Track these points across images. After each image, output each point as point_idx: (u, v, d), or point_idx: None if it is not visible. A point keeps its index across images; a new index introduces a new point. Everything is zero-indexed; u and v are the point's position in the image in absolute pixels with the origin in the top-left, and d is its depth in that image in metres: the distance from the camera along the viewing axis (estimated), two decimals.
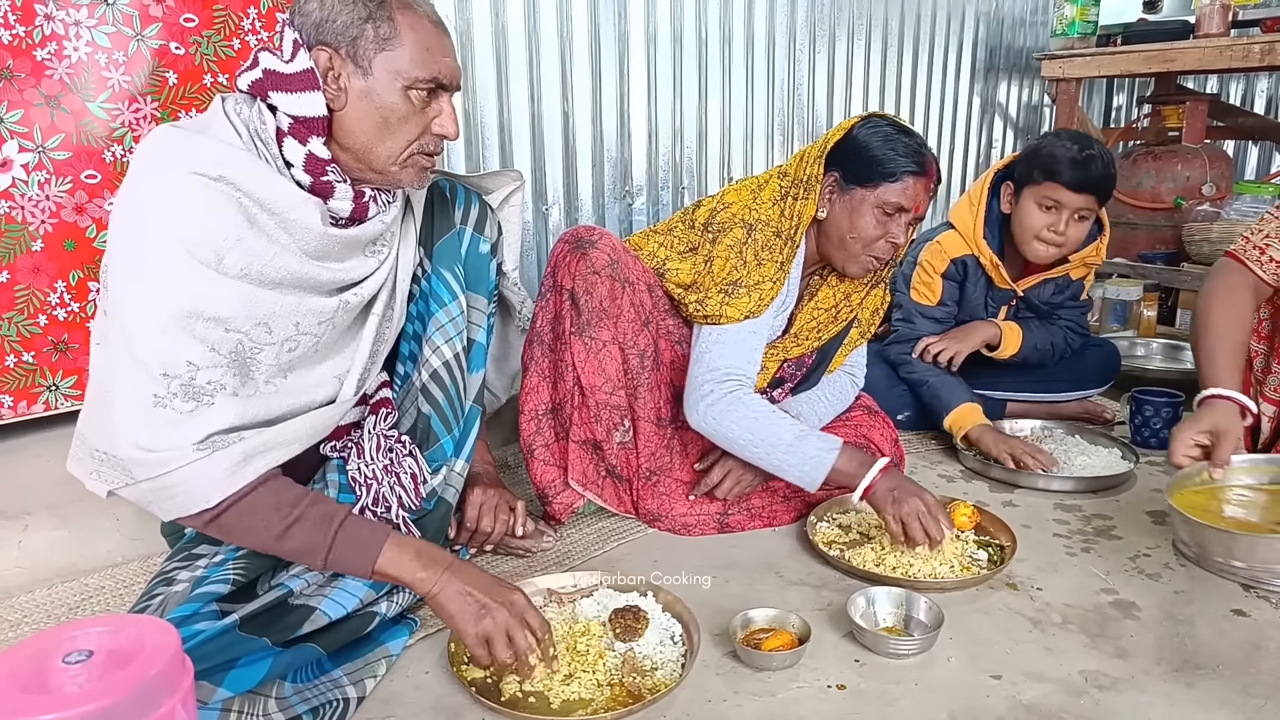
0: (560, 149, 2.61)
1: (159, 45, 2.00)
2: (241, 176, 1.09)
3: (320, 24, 1.15)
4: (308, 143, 1.16)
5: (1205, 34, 3.02)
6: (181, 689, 0.80)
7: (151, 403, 1.04)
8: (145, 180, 1.08)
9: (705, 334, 1.65)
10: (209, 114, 1.17)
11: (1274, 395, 1.77)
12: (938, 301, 2.23)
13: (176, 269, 1.05)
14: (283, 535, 1.13)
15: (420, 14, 1.19)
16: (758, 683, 1.25)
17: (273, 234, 1.13)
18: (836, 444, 1.58)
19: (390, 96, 1.18)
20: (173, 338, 1.04)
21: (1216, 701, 1.21)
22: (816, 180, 1.65)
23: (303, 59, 1.15)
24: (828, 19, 3.22)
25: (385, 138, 1.19)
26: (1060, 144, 2.04)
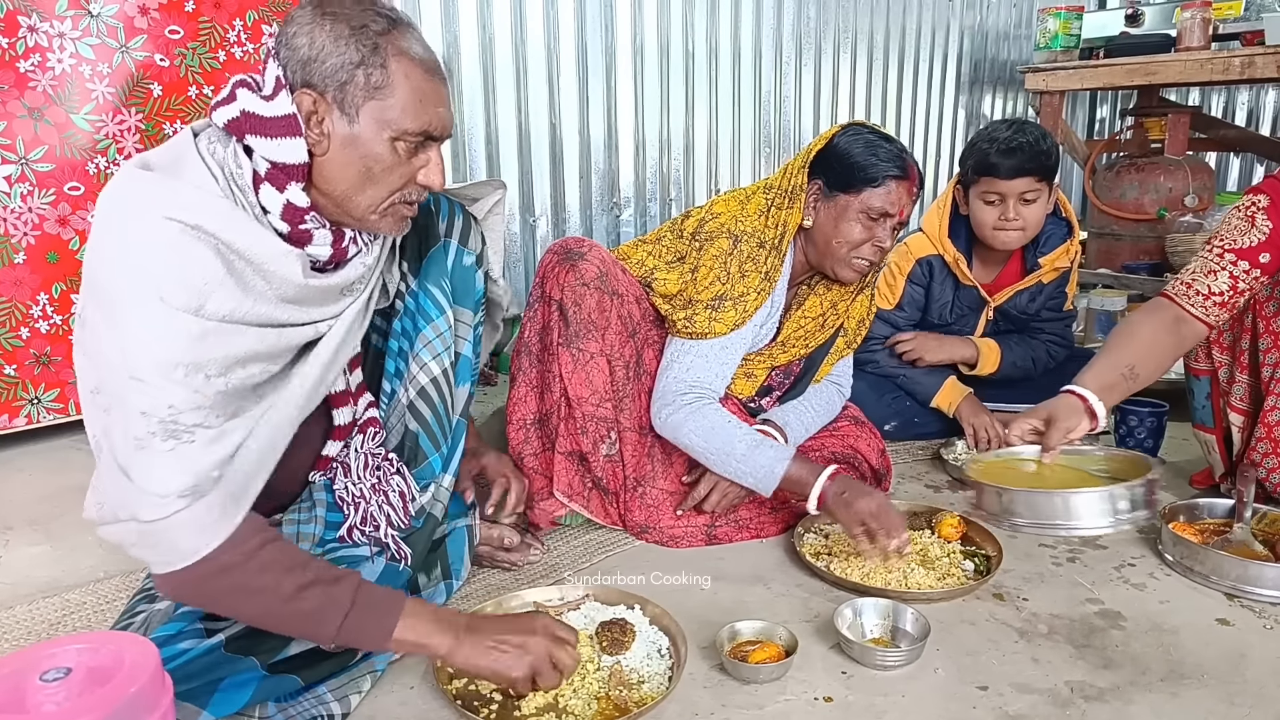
0: (548, 161, 2.62)
1: (143, 57, 2.00)
2: (219, 226, 1.03)
3: (307, 62, 1.07)
4: (285, 189, 1.10)
5: (1186, 47, 3.07)
6: (161, 707, 0.80)
7: (134, 446, 0.99)
8: (118, 226, 1.02)
9: (674, 346, 1.67)
10: (179, 151, 1.09)
11: (1240, 405, 1.79)
12: (896, 305, 2.25)
13: (155, 319, 0.99)
14: (295, 597, 1.05)
15: (415, 61, 1.11)
16: (745, 695, 1.25)
17: (251, 282, 1.06)
18: (788, 453, 1.61)
19: (376, 146, 1.11)
20: (155, 384, 0.99)
21: (1202, 711, 1.21)
22: (801, 189, 1.66)
23: (284, 101, 1.07)
24: (814, 32, 3.25)
25: (367, 187, 1.13)
26: (987, 137, 2.07)
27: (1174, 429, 2.19)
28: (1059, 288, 2.30)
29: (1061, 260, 2.23)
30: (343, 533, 1.31)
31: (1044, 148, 2.04)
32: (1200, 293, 1.61)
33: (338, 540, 1.31)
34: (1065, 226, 2.24)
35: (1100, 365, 1.62)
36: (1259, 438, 1.74)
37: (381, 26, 1.09)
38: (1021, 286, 2.26)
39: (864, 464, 1.87)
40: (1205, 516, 1.74)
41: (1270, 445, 1.72)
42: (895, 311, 2.27)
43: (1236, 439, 1.82)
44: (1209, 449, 1.89)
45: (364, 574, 1.28)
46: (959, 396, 2.18)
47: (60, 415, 2.08)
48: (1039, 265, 2.22)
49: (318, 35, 1.07)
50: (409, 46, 1.11)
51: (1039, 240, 2.19)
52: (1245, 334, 1.75)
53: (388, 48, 1.09)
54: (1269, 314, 1.69)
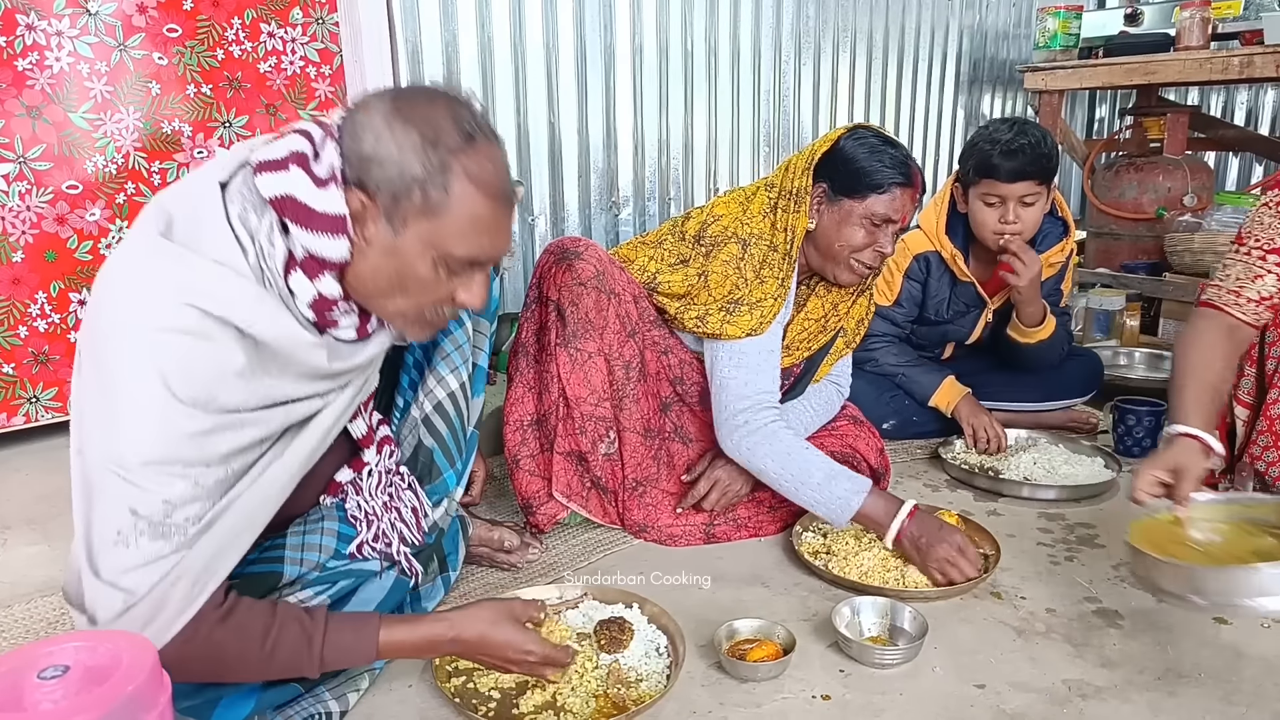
0: (546, 159, 2.62)
1: (142, 56, 1.99)
2: (247, 318, 0.96)
3: (367, 161, 0.98)
4: (318, 279, 1.01)
5: (1185, 47, 3.06)
6: (158, 705, 0.79)
7: (112, 541, 0.92)
8: (132, 303, 0.94)
9: (724, 358, 1.66)
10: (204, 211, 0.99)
11: (1246, 398, 1.79)
12: (894, 301, 2.26)
13: (158, 412, 0.92)
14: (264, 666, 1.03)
15: (482, 187, 1.00)
16: (743, 694, 1.25)
17: (270, 368, 1.00)
18: (865, 486, 1.59)
19: (416, 264, 1.02)
20: (150, 482, 0.92)
21: (1199, 710, 1.22)
22: (805, 192, 1.66)
23: (337, 197, 0.99)
24: (813, 31, 3.24)
25: (398, 296, 1.05)
26: (988, 137, 2.06)
27: None
28: (1055, 286, 2.30)
29: (1057, 258, 2.23)
30: (353, 549, 1.28)
31: (1045, 150, 2.03)
32: (1251, 299, 1.58)
33: (348, 556, 1.29)
34: (1061, 225, 2.24)
35: (1191, 397, 1.52)
36: (1260, 430, 1.73)
37: (456, 142, 0.98)
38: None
39: (863, 463, 1.87)
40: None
41: (1271, 438, 1.72)
42: (893, 308, 2.27)
43: (1240, 433, 1.81)
44: None
45: (372, 589, 1.30)
46: (957, 396, 2.18)
47: (58, 414, 2.08)
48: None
49: (385, 136, 0.97)
50: (480, 170, 1.00)
51: (1035, 239, 2.19)
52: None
53: (455, 168, 0.98)
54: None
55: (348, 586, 1.28)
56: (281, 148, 1.02)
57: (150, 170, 2.07)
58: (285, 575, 1.21)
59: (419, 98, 1.02)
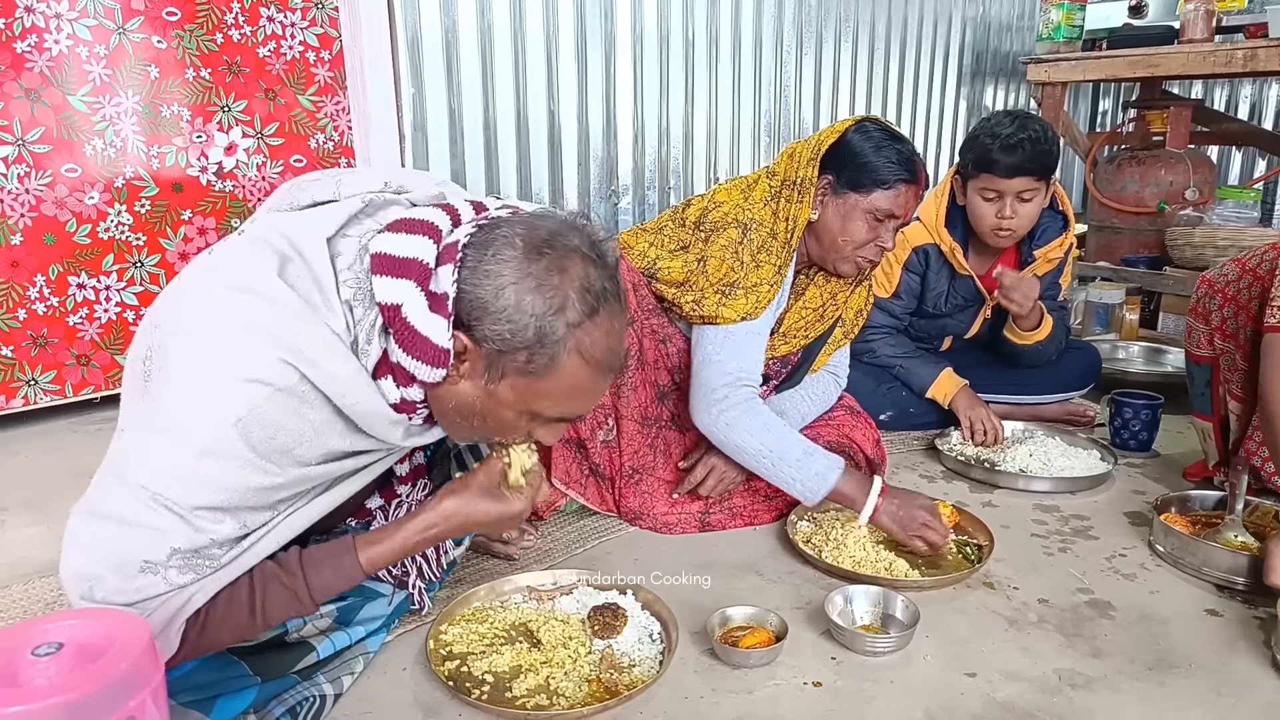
0: (545, 147, 2.62)
1: (141, 39, 1.99)
2: (338, 391, 0.95)
3: (482, 308, 0.94)
4: (406, 388, 1.01)
5: (1189, 39, 3.05)
6: (152, 683, 0.80)
7: (139, 568, 0.91)
8: (230, 336, 0.91)
9: (710, 336, 1.65)
10: (321, 274, 0.96)
11: (1240, 392, 1.79)
12: (892, 293, 2.25)
13: (231, 464, 0.91)
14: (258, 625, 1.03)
15: (589, 360, 0.98)
16: (735, 680, 1.25)
17: (348, 430, 1.00)
18: (839, 464, 1.61)
19: (502, 411, 1.01)
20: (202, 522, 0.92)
21: (1189, 700, 1.22)
22: (810, 182, 1.65)
23: (444, 330, 0.95)
24: (814, 22, 3.23)
25: (473, 428, 1.05)
26: (989, 132, 2.05)
27: (1168, 421, 2.19)
28: (1054, 279, 2.30)
29: (1055, 252, 2.22)
30: None
31: (1045, 146, 2.02)
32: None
33: None
34: (1061, 219, 2.24)
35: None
36: (1256, 425, 1.73)
37: (578, 316, 0.95)
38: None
39: (859, 453, 1.88)
40: (1197, 508, 1.75)
41: None
42: (892, 300, 2.27)
43: (1234, 426, 1.81)
44: (1205, 436, 1.89)
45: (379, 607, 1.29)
46: (954, 388, 2.18)
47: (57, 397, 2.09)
48: (1034, 257, 2.21)
49: (508, 293, 0.93)
50: (594, 343, 0.97)
51: (1035, 232, 2.19)
52: (1249, 321, 1.74)
53: (569, 341, 0.95)
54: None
55: (356, 604, 1.28)
56: (404, 247, 0.97)
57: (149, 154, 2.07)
58: None
59: (554, 253, 0.95)
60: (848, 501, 1.61)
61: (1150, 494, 1.88)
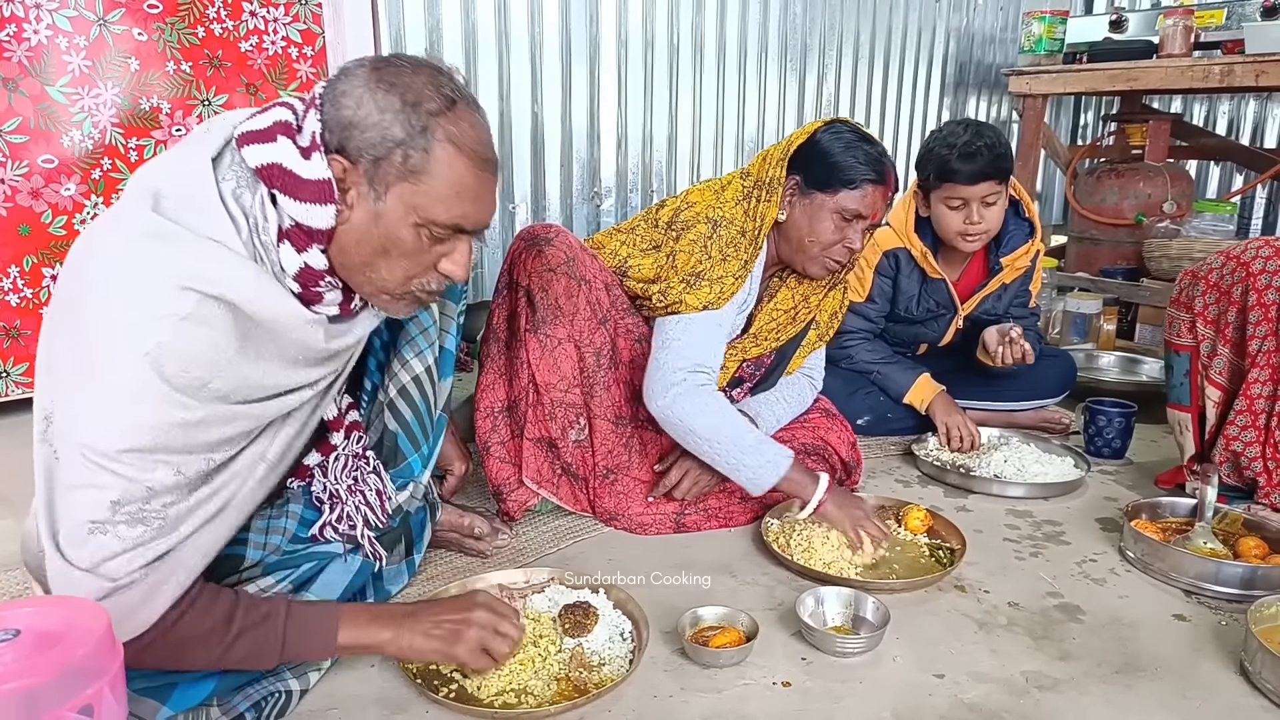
0: (528, 148, 2.62)
1: (121, 31, 1.98)
2: (245, 296, 0.94)
3: (348, 126, 0.99)
4: (305, 251, 1.02)
5: (1168, 54, 3.09)
6: (110, 671, 0.79)
7: (87, 530, 0.91)
8: (124, 286, 0.91)
9: (671, 323, 1.66)
10: (198, 188, 0.97)
11: (1219, 379, 1.79)
12: (866, 297, 2.27)
13: (149, 401, 0.90)
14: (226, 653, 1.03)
15: (464, 150, 1.01)
16: (705, 679, 1.25)
17: (263, 350, 0.99)
18: (790, 455, 1.62)
19: (398, 229, 1.02)
20: (134, 469, 0.91)
21: (1155, 703, 1.23)
22: (779, 182, 1.67)
23: (320, 164, 0.99)
24: (800, 30, 3.25)
25: (381, 266, 1.05)
26: (944, 143, 2.07)
27: (1141, 430, 2.22)
28: (1023, 286, 2.33)
29: (1023, 260, 2.25)
30: (314, 531, 1.28)
31: (1001, 150, 2.06)
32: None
33: (309, 539, 1.29)
34: (1028, 226, 2.26)
35: None
36: (1238, 410, 1.73)
37: (437, 106, 1.00)
38: (987, 292, 2.28)
39: (834, 456, 1.89)
40: (1167, 515, 1.76)
41: (1250, 418, 1.72)
42: (866, 304, 2.28)
43: (1211, 415, 1.81)
44: (1182, 428, 1.89)
45: (336, 573, 1.29)
46: (932, 393, 2.20)
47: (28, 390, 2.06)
48: (1001, 266, 2.24)
49: (366, 100, 0.98)
50: (461, 132, 1.01)
51: (1001, 240, 2.21)
52: (1232, 306, 1.73)
53: (436, 131, 0.99)
54: (1261, 286, 1.68)
55: (310, 570, 1.27)
56: (265, 119, 1.02)
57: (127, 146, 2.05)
58: (248, 559, 1.21)
59: (400, 64, 1.02)
60: (796, 490, 1.62)
61: (1122, 501, 1.90)
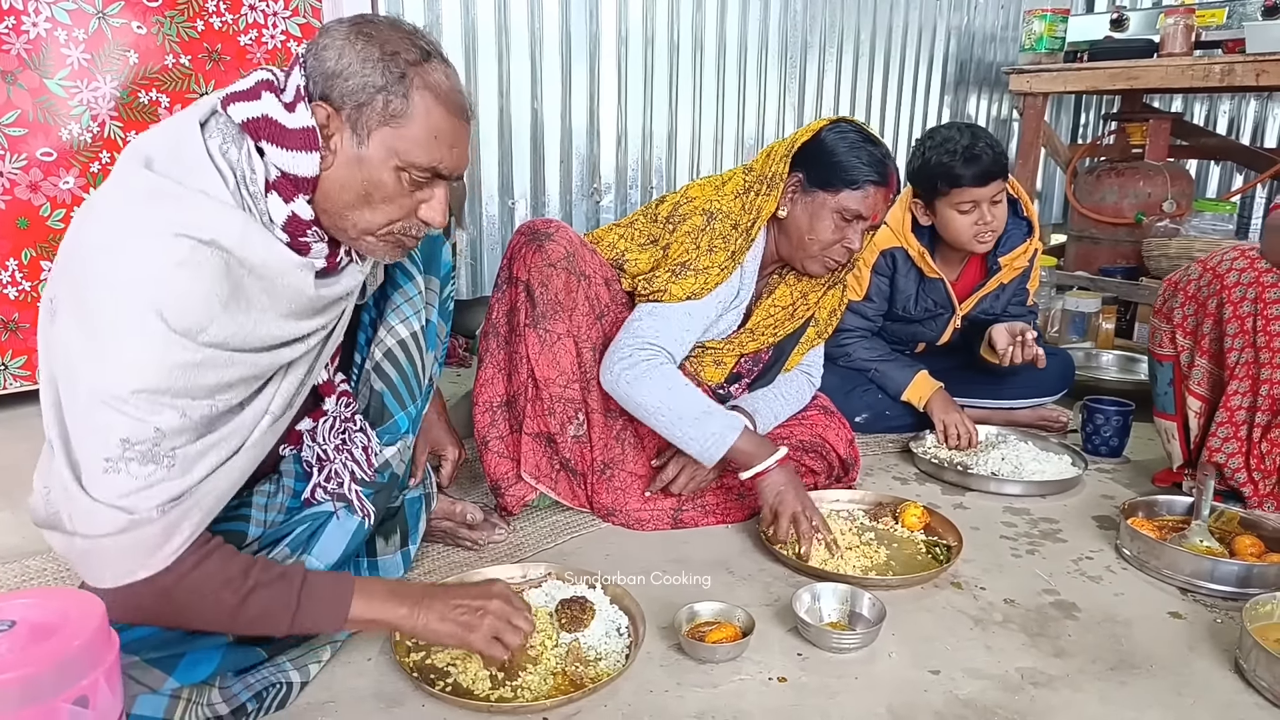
0: (528, 145, 2.62)
1: (120, 24, 1.97)
2: (235, 241, 0.99)
3: (330, 76, 1.05)
4: (292, 201, 1.07)
5: (1168, 53, 3.09)
6: (105, 662, 0.79)
7: (102, 468, 0.95)
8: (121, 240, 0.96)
9: (643, 309, 1.66)
10: (185, 147, 1.03)
11: (1199, 390, 1.80)
12: (864, 296, 2.28)
13: (151, 342, 0.94)
14: (239, 608, 1.05)
15: (440, 96, 1.08)
16: (701, 674, 1.26)
17: (256, 299, 1.03)
18: (739, 424, 1.61)
19: (379, 173, 1.08)
20: (141, 410, 0.95)
21: (1150, 700, 1.23)
22: (780, 178, 1.67)
23: (304, 114, 1.05)
24: (800, 28, 3.25)
25: (364, 210, 1.10)
26: (945, 150, 2.06)
27: (1139, 428, 2.22)
28: (1020, 285, 2.33)
29: (1020, 261, 2.26)
30: (307, 494, 1.30)
31: (1000, 147, 2.08)
32: None
33: (303, 503, 1.30)
34: (1026, 225, 2.27)
35: None
36: (1219, 422, 1.75)
37: (414, 56, 1.06)
38: (985, 292, 2.29)
39: (831, 453, 1.89)
40: (1164, 513, 1.77)
41: (1231, 429, 1.74)
42: (864, 303, 2.29)
43: (1194, 425, 1.83)
44: (1169, 437, 1.91)
45: (331, 537, 1.30)
46: (930, 391, 2.20)
47: (27, 383, 2.06)
48: (999, 265, 2.24)
49: (347, 52, 1.05)
50: (437, 81, 1.08)
51: (1000, 239, 2.21)
52: (1208, 318, 1.75)
53: (414, 79, 1.06)
54: (1236, 299, 1.70)
55: (305, 532, 1.28)
56: (249, 80, 1.08)
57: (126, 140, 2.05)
58: (249, 535, 1.23)
59: (377, 20, 1.09)
60: (746, 460, 1.59)
61: (1119, 499, 1.90)
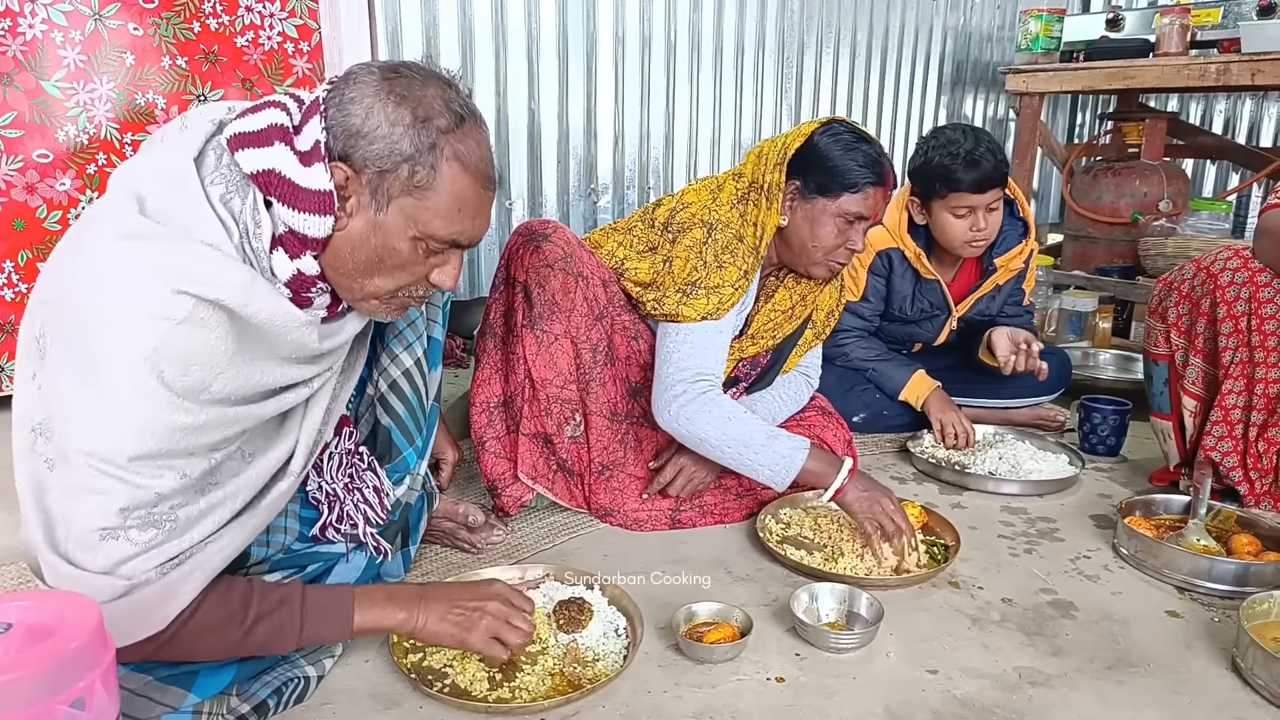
0: (525, 145, 2.61)
1: (117, 25, 1.97)
2: (239, 299, 0.94)
3: (354, 135, 0.98)
4: (299, 258, 1.01)
5: (1164, 53, 3.09)
6: (101, 665, 0.79)
7: (98, 537, 0.91)
8: (117, 291, 0.90)
9: (671, 333, 1.65)
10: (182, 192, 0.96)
11: (1194, 389, 1.81)
12: (860, 297, 2.28)
13: (151, 406, 0.90)
14: (245, 639, 1.04)
15: (469, 168, 1.02)
16: (699, 675, 1.26)
17: (258, 352, 0.99)
18: (805, 444, 1.60)
19: (396, 241, 1.02)
20: (141, 476, 0.91)
21: (1146, 699, 1.24)
22: (778, 188, 1.65)
23: (321, 174, 0.97)
24: (797, 28, 3.25)
25: (374, 275, 1.05)
26: (946, 153, 2.05)
27: (1136, 427, 2.22)
28: (1016, 285, 2.34)
29: (1016, 262, 2.26)
30: (315, 531, 1.29)
31: (1002, 155, 2.08)
32: None
33: (311, 539, 1.29)
34: (1021, 226, 2.27)
35: None
36: (1214, 421, 1.75)
37: (447, 124, 1.00)
38: (981, 293, 2.29)
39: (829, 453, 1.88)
40: (1161, 512, 1.77)
41: (1226, 428, 1.74)
42: (861, 303, 2.29)
43: (1189, 424, 1.83)
44: (1165, 436, 1.91)
45: (341, 573, 1.30)
46: (927, 390, 2.20)
47: None
48: (995, 267, 2.24)
49: (376, 111, 0.98)
50: (468, 151, 1.02)
51: (995, 240, 2.21)
52: (1201, 318, 1.76)
53: (445, 149, 1.00)
54: (1230, 298, 1.70)
55: (316, 571, 1.28)
56: (259, 121, 1.00)
57: (123, 141, 2.05)
58: (253, 555, 1.21)
59: (411, 76, 1.01)
60: (817, 480, 1.59)
61: (1116, 498, 1.90)
